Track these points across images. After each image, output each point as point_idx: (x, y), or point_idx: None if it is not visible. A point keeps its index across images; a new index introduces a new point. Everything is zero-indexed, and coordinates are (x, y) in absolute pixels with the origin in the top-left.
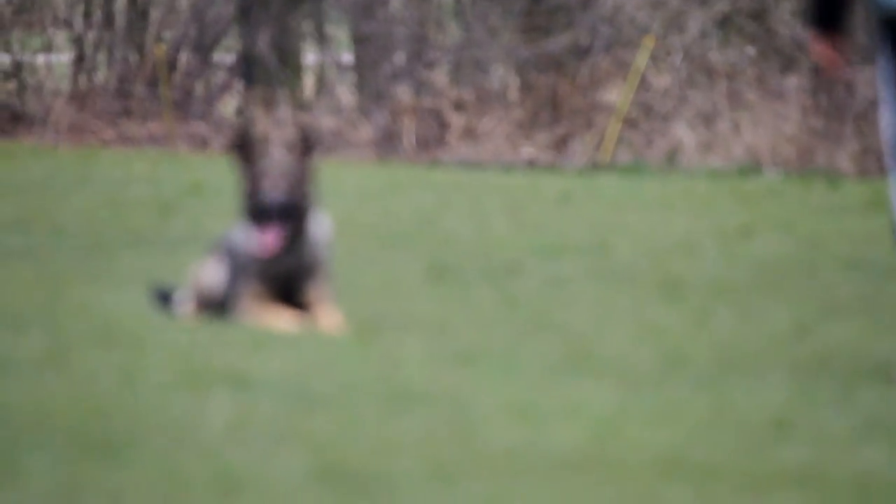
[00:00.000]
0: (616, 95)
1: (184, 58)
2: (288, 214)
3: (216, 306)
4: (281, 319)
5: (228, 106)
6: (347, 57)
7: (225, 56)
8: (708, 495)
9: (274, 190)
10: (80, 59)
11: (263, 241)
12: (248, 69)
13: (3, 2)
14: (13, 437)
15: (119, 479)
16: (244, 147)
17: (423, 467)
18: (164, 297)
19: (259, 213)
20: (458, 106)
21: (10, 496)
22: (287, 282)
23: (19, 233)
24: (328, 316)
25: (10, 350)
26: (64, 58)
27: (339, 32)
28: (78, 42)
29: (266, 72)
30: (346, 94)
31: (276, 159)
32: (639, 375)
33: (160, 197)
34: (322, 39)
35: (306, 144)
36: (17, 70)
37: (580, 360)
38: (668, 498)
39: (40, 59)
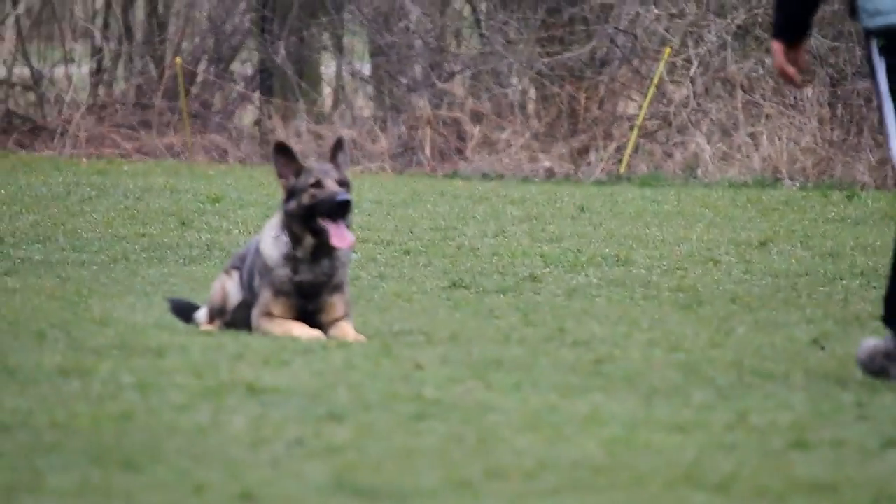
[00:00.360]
0: (634, 107)
1: (202, 69)
2: (349, 212)
3: (234, 319)
4: (300, 330)
5: (246, 118)
6: (366, 68)
7: (243, 68)
8: None
9: (341, 189)
10: (99, 71)
11: (341, 235)
12: (267, 81)
13: (22, 14)
14: (34, 444)
15: (138, 488)
16: (285, 152)
17: (441, 478)
18: (183, 309)
19: (332, 210)
20: (477, 117)
21: (31, 501)
22: (307, 293)
23: (39, 244)
24: (346, 327)
25: (31, 360)
26: (83, 70)
27: (358, 44)
28: (97, 54)
29: (284, 83)
30: (364, 105)
31: (325, 164)
32: (657, 386)
33: (179, 209)
34: (340, 51)
35: (342, 152)
36: (36, 82)
37: (598, 370)
38: None
39: (59, 71)
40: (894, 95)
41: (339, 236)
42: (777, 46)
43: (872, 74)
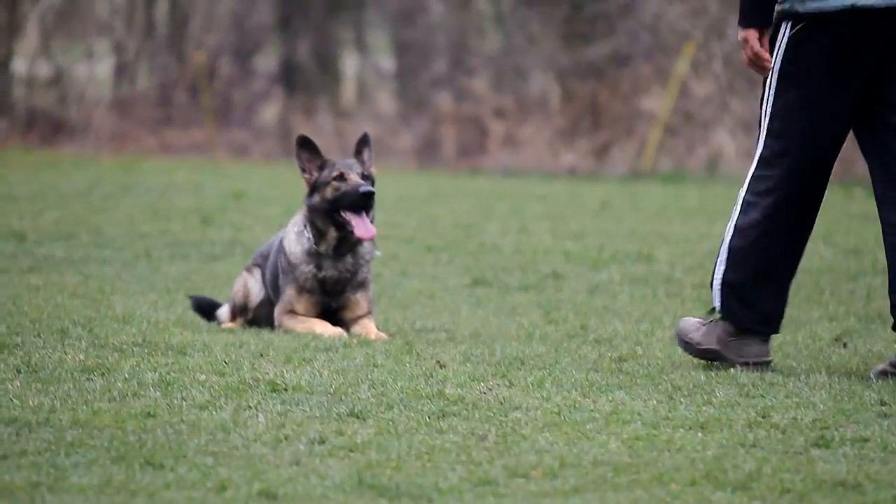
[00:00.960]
0: (657, 103)
1: (224, 66)
2: (372, 204)
3: (256, 316)
4: (322, 328)
5: (268, 113)
6: (388, 64)
7: (265, 64)
8: None
9: (364, 181)
10: (121, 68)
11: (364, 227)
12: (289, 77)
13: (45, 10)
14: (57, 441)
15: (160, 485)
16: (308, 146)
17: (463, 476)
18: (205, 307)
19: (355, 202)
20: (499, 113)
21: (55, 500)
22: (331, 289)
23: (62, 242)
24: (369, 325)
25: (54, 357)
26: (105, 66)
27: (380, 40)
28: (119, 50)
29: (306, 79)
30: (386, 101)
31: (349, 159)
32: (679, 384)
33: (201, 205)
34: (362, 47)
35: (367, 148)
36: (58, 79)
37: (620, 368)
38: None
39: (82, 67)
40: (782, 76)
41: (362, 228)
42: (752, 34)
43: (772, 52)
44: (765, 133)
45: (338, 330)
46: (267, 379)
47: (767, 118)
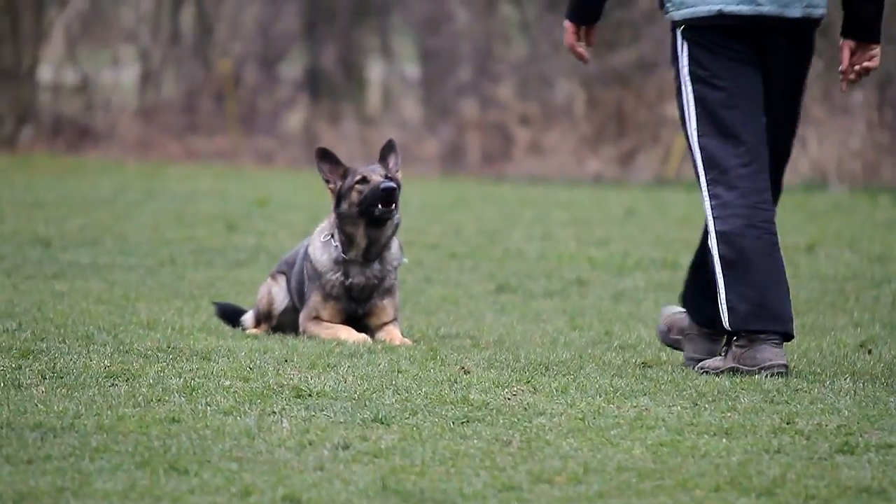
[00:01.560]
0: None
1: (249, 73)
2: (395, 199)
3: (280, 323)
4: (346, 334)
5: (293, 120)
6: (413, 71)
7: (290, 71)
8: None
9: (386, 180)
10: (146, 75)
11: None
12: (314, 84)
13: (71, 17)
14: (82, 446)
15: (184, 490)
16: (328, 157)
17: (487, 482)
18: (229, 313)
19: (377, 199)
20: (524, 120)
21: (79, 503)
22: (358, 296)
23: (87, 248)
24: (393, 331)
25: (79, 363)
26: (131, 73)
27: (405, 47)
28: (145, 57)
29: (332, 86)
30: (411, 108)
31: (372, 164)
32: (703, 390)
33: (226, 212)
34: (388, 54)
35: (393, 154)
36: (84, 85)
37: (645, 374)
38: None
39: (107, 75)
40: (693, 79)
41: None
42: (569, 25)
43: (675, 60)
44: (695, 140)
45: (362, 336)
46: (291, 384)
47: (695, 122)
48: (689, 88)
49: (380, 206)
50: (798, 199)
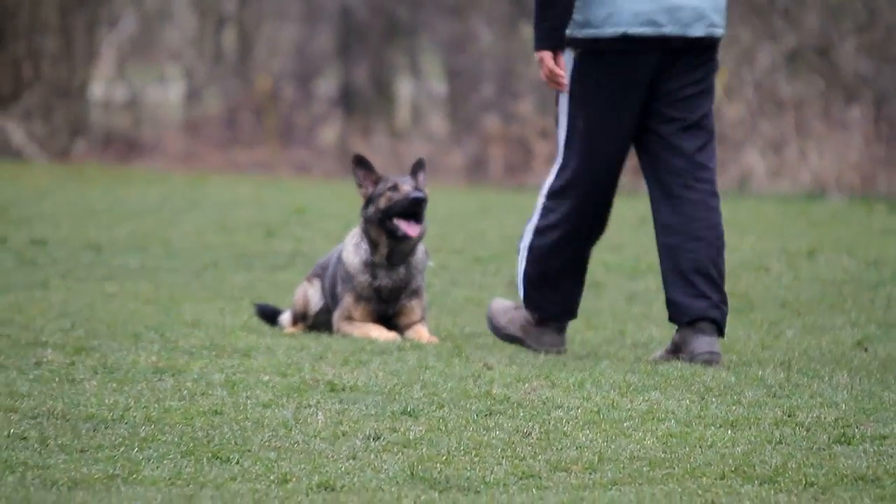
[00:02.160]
0: None
1: (287, 89)
2: (422, 209)
3: (315, 323)
4: (377, 332)
5: (328, 134)
6: (440, 89)
7: (325, 88)
8: (773, 497)
9: (415, 190)
10: (191, 92)
11: (412, 230)
12: (347, 100)
13: (121, 38)
14: (131, 437)
15: (226, 478)
16: (363, 164)
17: (508, 470)
18: (268, 313)
19: (405, 208)
20: (544, 134)
21: (130, 491)
22: (386, 297)
23: (136, 253)
24: (421, 330)
25: (128, 359)
26: (176, 90)
27: (433, 66)
28: (189, 75)
29: (364, 102)
30: (438, 123)
31: (403, 175)
32: (710, 385)
33: (265, 219)
34: (416, 72)
35: (422, 171)
36: (132, 102)
37: (656, 370)
38: (736, 499)
39: (154, 91)
40: (573, 97)
41: (409, 227)
42: (546, 55)
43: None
44: (562, 148)
45: (392, 334)
46: (326, 380)
47: (564, 133)
48: (565, 100)
49: (404, 221)
50: (799, 208)
